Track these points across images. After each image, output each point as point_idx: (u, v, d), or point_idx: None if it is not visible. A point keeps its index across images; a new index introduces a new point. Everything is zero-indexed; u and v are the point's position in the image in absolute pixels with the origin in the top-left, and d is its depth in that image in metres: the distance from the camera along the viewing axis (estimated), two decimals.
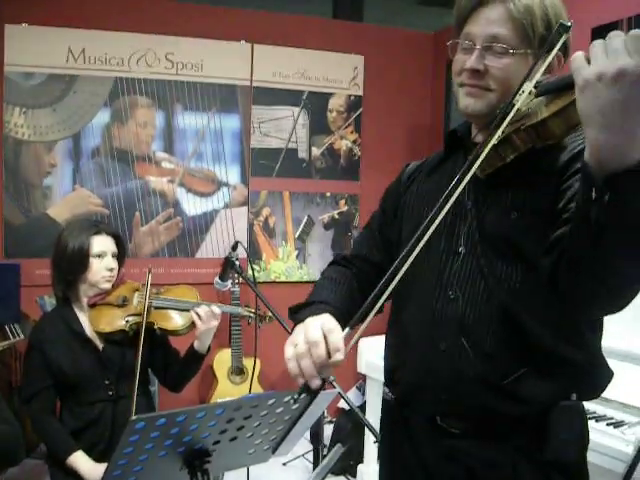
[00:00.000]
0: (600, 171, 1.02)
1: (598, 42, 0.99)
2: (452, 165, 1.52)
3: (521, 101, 1.24)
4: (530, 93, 1.25)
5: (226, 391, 4.17)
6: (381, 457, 1.70)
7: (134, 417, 1.45)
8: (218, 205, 4.61)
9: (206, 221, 4.59)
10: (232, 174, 4.65)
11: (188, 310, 2.59)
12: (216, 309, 2.56)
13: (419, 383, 1.48)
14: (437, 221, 1.23)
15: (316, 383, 1.23)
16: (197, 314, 2.54)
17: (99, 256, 2.54)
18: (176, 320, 2.60)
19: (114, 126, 4.33)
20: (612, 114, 0.99)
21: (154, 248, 4.43)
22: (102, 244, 2.56)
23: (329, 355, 1.23)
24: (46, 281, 3.85)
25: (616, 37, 0.97)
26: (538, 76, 1.25)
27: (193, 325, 2.60)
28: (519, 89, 1.24)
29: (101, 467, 2.34)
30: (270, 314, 2.70)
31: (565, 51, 1.34)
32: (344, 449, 1.57)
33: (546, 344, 1.34)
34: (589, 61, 1.00)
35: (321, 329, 1.25)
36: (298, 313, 1.53)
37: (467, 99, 1.38)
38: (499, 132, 1.23)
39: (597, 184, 1.03)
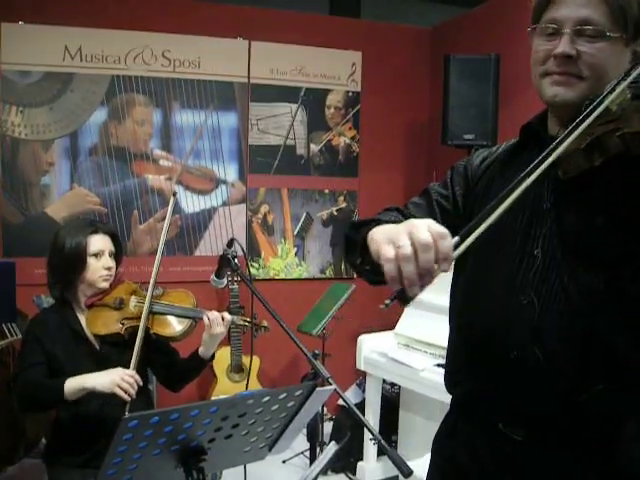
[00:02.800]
0: None
1: None
2: (527, 161, 1.33)
3: (611, 99, 1.13)
4: (623, 91, 1.14)
5: (225, 389, 4.17)
6: (433, 456, 1.60)
7: (127, 415, 1.44)
8: (216, 203, 4.61)
9: (204, 219, 4.58)
10: (230, 171, 4.64)
11: (184, 317, 2.57)
12: (227, 316, 2.54)
13: (482, 389, 1.40)
14: (502, 207, 1.12)
15: (415, 291, 1.07)
16: (208, 318, 2.52)
17: (96, 255, 2.53)
18: (172, 326, 2.58)
19: (111, 124, 4.32)
20: None
21: (152, 246, 4.42)
22: (99, 243, 2.55)
23: (436, 262, 1.07)
24: (45, 280, 3.86)
25: None
26: (634, 74, 1.14)
27: (189, 332, 2.59)
28: (614, 87, 1.14)
29: (102, 374, 2.32)
30: (265, 323, 2.67)
31: None
32: (338, 447, 1.56)
33: (630, 360, 1.24)
34: None
35: (430, 232, 1.08)
36: (363, 227, 1.33)
37: (555, 88, 1.27)
38: (581, 129, 1.13)
39: None
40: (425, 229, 1.07)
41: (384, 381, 3.86)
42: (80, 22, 4.16)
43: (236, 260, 2.57)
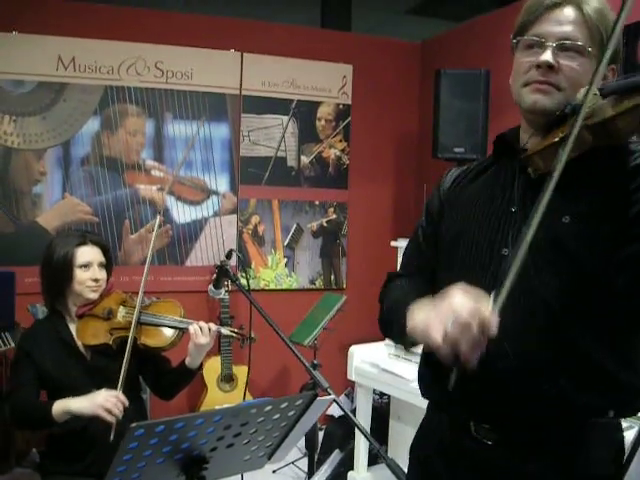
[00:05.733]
0: None
1: None
2: (498, 169, 1.50)
3: (588, 102, 1.22)
4: (595, 95, 1.25)
5: (215, 399, 4.18)
6: (411, 459, 1.64)
7: (134, 424, 1.46)
8: (207, 213, 4.63)
9: (195, 229, 4.60)
10: (221, 182, 4.66)
11: (171, 327, 2.58)
12: (213, 326, 2.55)
13: (453, 392, 1.41)
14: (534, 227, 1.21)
15: (475, 364, 1.19)
16: (193, 329, 2.53)
17: (84, 266, 2.55)
18: (160, 337, 2.58)
19: (104, 134, 4.33)
20: None
21: (143, 256, 4.42)
22: (87, 254, 2.56)
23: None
24: (36, 289, 3.84)
25: None
26: (599, 79, 1.24)
27: (176, 342, 2.60)
28: (589, 90, 1.22)
29: (86, 397, 2.34)
30: (253, 335, 2.69)
31: (616, 56, 1.35)
32: (343, 454, 1.58)
33: (593, 358, 1.30)
34: None
35: (472, 316, 1.17)
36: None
37: (536, 94, 1.35)
38: (575, 131, 1.21)
39: None
40: (462, 306, 1.18)
41: (373, 391, 3.89)
42: (74, 32, 4.18)
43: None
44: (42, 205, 4.22)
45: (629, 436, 1.49)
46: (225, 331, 2.62)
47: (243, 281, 2.53)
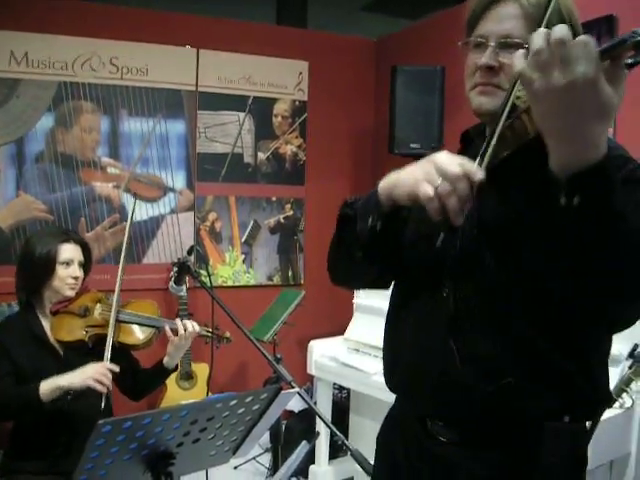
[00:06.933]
0: (563, 175, 1.02)
1: (541, 48, 0.97)
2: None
3: (514, 95, 1.18)
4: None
5: (175, 396, 4.16)
6: (376, 453, 1.65)
7: (101, 421, 1.47)
8: (164, 210, 4.60)
9: (152, 227, 4.57)
10: (178, 179, 4.64)
11: (149, 326, 2.61)
12: (189, 326, 2.58)
13: (409, 381, 1.46)
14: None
15: (460, 220, 1.14)
16: (172, 330, 2.55)
17: (65, 264, 2.56)
18: (136, 335, 2.63)
19: (58, 131, 4.27)
20: (562, 122, 1.00)
21: (100, 254, 4.38)
22: (70, 252, 2.59)
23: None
24: None
25: (562, 44, 0.95)
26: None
27: (152, 340, 2.63)
28: (512, 87, 1.19)
29: (75, 372, 2.35)
30: (228, 335, 2.73)
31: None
32: (310, 446, 1.61)
33: (539, 352, 1.29)
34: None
35: (456, 164, 1.15)
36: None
37: (480, 98, 1.34)
38: (500, 127, 1.19)
39: (563, 188, 1.02)
40: (450, 162, 1.15)
41: (333, 385, 3.92)
42: (26, 27, 4.11)
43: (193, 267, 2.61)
44: None
45: None
46: (203, 331, 2.66)
47: (204, 278, 2.55)
